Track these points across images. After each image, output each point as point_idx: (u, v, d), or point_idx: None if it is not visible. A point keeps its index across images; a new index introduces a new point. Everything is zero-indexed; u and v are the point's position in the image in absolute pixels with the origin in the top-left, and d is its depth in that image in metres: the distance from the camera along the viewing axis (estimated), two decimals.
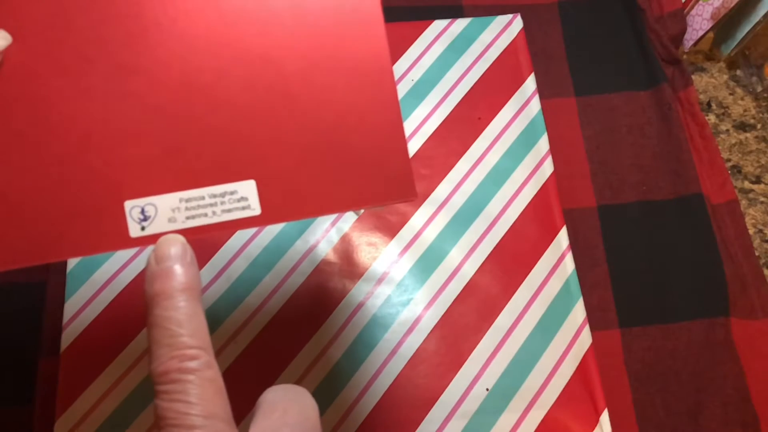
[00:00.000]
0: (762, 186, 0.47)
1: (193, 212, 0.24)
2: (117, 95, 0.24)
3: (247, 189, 0.24)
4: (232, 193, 0.24)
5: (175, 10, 0.25)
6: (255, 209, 0.24)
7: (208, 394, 0.21)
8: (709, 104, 0.50)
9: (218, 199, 0.24)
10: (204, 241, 0.42)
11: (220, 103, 0.25)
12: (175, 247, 0.23)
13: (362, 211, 0.28)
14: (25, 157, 0.23)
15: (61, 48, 0.24)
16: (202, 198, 0.24)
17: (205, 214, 0.24)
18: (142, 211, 0.24)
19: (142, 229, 0.24)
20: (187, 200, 0.24)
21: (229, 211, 0.24)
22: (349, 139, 0.25)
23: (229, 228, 0.24)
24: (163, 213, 0.24)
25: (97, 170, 0.24)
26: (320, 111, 0.25)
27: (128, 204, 0.24)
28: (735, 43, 0.50)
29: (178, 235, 0.23)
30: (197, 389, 0.21)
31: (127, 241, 0.24)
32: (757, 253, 0.44)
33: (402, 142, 0.26)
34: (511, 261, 0.42)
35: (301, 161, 0.25)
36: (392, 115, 0.26)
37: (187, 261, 0.22)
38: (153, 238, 0.24)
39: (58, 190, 0.23)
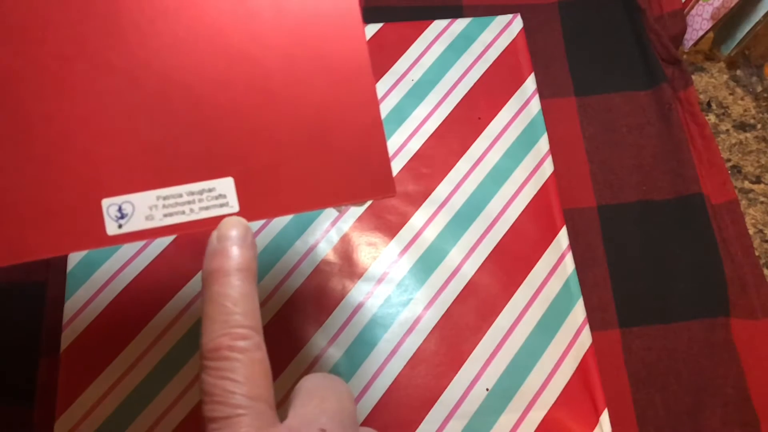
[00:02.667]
0: (762, 186, 0.47)
1: (171, 210, 0.24)
2: (95, 94, 0.24)
3: (225, 186, 0.24)
4: (210, 190, 0.24)
5: (152, 9, 0.25)
6: (233, 206, 0.24)
7: (256, 375, 0.21)
8: (709, 104, 0.50)
9: (196, 197, 0.24)
10: (204, 242, 0.42)
11: (198, 101, 0.25)
12: (238, 229, 0.23)
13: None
14: (2, 155, 0.23)
15: (38, 47, 0.24)
16: (180, 195, 0.24)
17: (183, 212, 0.24)
18: (120, 209, 0.24)
19: (120, 227, 0.24)
20: (165, 198, 0.24)
21: (207, 208, 0.24)
22: (328, 136, 0.25)
23: (207, 225, 0.24)
24: (141, 211, 0.24)
25: (74, 168, 0.23)
26: (299, 108, 0.25)
27: (105, 202, 0.24)
28: (735, 43, 0.50)
29: (242, 218, 0.24)
30: (245, 369, 0.21)
31: (105, 239, 0.24)
32: (757, 253, 0.44)
33: (381, 139, 0.26)
34: (511, 261, 0.42)
35: (279, 158, 0.25)
36: (371, 112, 0.26)
37: (248, 243, 0.23)
38: (130, 237, 0.24)
39: (35, 189, 0.23)
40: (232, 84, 0.25)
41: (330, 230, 0.42)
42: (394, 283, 0.41)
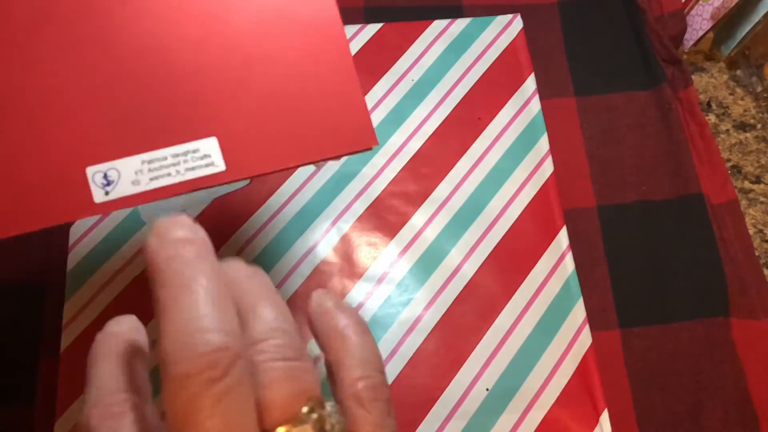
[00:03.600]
0: (762, 186, 0.47)
1: (157, 173, 0.24)
2: (69, 63, 0.24)
3: (210, 146, 0.24)
4: (194, 151, 0.24)
5: None
6: (219, 165, 0.24)
7: None
8: (709, 104, 0.50)
9: (181, 158, 0.24)
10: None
11: (176, 64, 0.25)
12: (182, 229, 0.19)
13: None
14: None
15: (6, 18, 0.24)
16: (165, 158, 0.24)
17: (169, 174, 0.24)
18: (105, 176, 0.24)
19: (106, 194, 0.24)
20: (150, 162, 0.24)
21: (192, 169, 0.24)
22: (305, 91, 0.26)
23: (194, 186, 0.24)
24: (127, 176, 0.24)
25: (55, 139, 0.23)
26: (274, 67, 0.26)
27: (90, 170, 0.24)
28: (735, 43, 0.50)
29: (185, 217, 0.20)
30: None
31: (92, 207, 0.23)
32: (757, 253, 0.44)
33: (357, 92, 0.26)
34: (511, 261, 0.42)
35: (260, 116, 0.25)
36: (345, 67, 0.26)
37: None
38: (117, 203, 0.23)
39: (17, 162, 0.23)
40: (207, 46, 0.25)
41: (330, 230, 0.42)
42: (394, 283, 0.41)
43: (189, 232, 0.19)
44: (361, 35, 0.48)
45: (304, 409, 0.18)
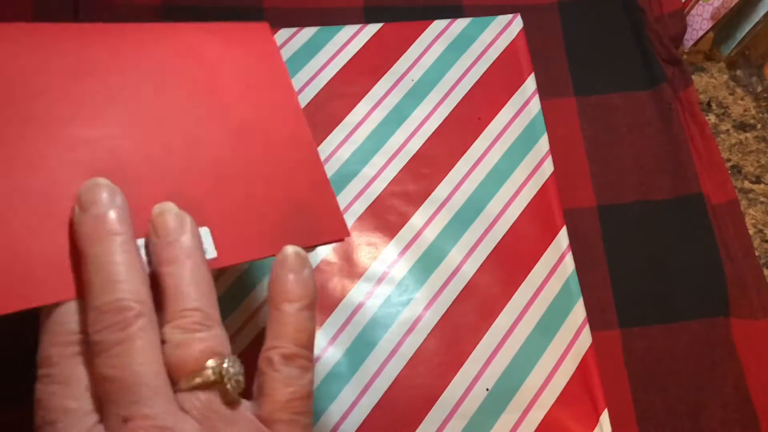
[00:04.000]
0: (762, 186, 0.47)
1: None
2: (73, 159, 0.26)
3: (203, 235, 0.27)
4: None
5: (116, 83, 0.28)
6: (211, 253, 0.27)
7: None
8: (709, 104, 0.50)
9: None
10: None
11: (174, 163, 0.28)
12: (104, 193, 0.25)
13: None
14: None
15: (15, 114, 0.26)
16: None
17: None
18: None
19: None
20: (145, 247, 0.26)
21: None
22: (284, 192, 0.30)
23: None
24: None
25: (60, 226, 0.25)
26: (259, 170, 0.30)
27: None
28: (735, 43, 0.50)
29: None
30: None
31: None
32: (757, 253, 0.44)
33: (329, 192, 0.31)
34: (511, 261, 0.42)
35: (247, 212, 0.29)
36: (317, 172, 0.31)
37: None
38: None
39: (26, 242, 0.24)
40: (201, 151, 0.29)
41: None
42: (394, 283, 0.41)
43: (106, 208, 0.24)
44: (361, 35, 0.48)
45: (209, 363, 0.23)
